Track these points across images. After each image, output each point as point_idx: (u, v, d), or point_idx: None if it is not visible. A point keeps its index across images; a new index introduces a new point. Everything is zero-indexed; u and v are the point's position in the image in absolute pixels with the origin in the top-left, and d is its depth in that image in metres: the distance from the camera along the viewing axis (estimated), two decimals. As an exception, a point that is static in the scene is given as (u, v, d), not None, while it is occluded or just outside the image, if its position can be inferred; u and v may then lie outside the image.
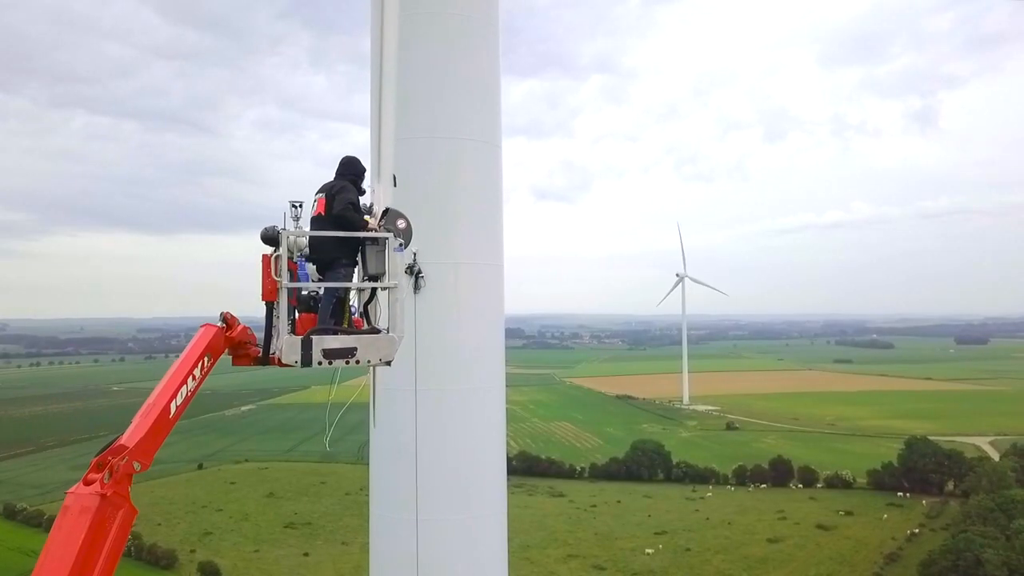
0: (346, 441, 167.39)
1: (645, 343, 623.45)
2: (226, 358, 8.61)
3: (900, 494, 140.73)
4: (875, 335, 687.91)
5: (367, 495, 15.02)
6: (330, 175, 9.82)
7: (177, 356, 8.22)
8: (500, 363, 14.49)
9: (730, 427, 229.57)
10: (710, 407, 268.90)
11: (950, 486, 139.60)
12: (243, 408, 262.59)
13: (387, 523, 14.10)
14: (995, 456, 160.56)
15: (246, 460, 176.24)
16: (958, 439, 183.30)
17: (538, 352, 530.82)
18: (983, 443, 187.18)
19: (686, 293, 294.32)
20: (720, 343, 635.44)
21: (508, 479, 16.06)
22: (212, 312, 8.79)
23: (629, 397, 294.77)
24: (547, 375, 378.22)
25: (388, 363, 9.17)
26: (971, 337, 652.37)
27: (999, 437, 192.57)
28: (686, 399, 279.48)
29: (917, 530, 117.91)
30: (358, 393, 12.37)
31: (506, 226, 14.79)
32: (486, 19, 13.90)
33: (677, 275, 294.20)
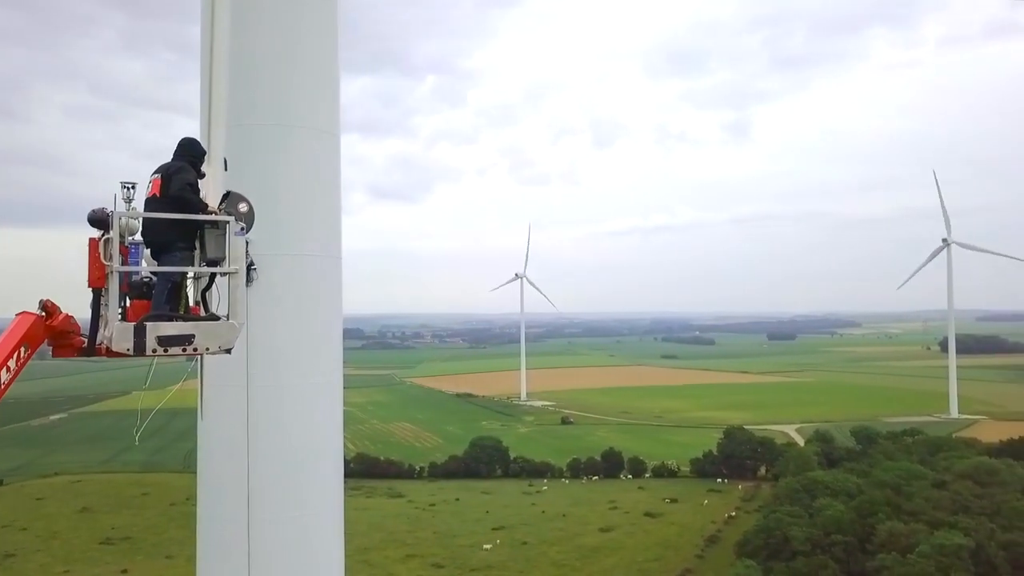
0: (172, 449, 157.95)
1: (486, 342, 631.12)
2: (45, 349, 7.96)
3: (720, 480, 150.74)
4: (698, 332, 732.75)
5: (194, 505, 14.22)
6: (152, 165, 9.35)
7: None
8: (338, 356, 14.24)
9: (565, 422, 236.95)
10: (547, 403, 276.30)
11: (763, 471, 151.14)
12: (53, 417, 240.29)
13: (216, 524, 13.48)
14: (801, 442, 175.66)
15: (56, 474, 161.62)
16: (770, 427, 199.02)
17: (379, 352, 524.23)
18: (791, 430, 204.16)
19: (524, 293, 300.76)
20: (556, 340, 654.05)
21: (346, 481, 15.79)
22: (29, 308, 8.10)
23: (469, 395, 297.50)
24: (387, 375, 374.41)
25: (228, 351, 8.82)
26: (781, 333, 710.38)
27: (804, 424, 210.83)
28: (524, 396, 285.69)
29: (734, 513, 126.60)
30: (175, 390, 11.79)
31: (344, 222, 14.56)
32: (325, 4, 13.61)
33: (516, 275, 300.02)
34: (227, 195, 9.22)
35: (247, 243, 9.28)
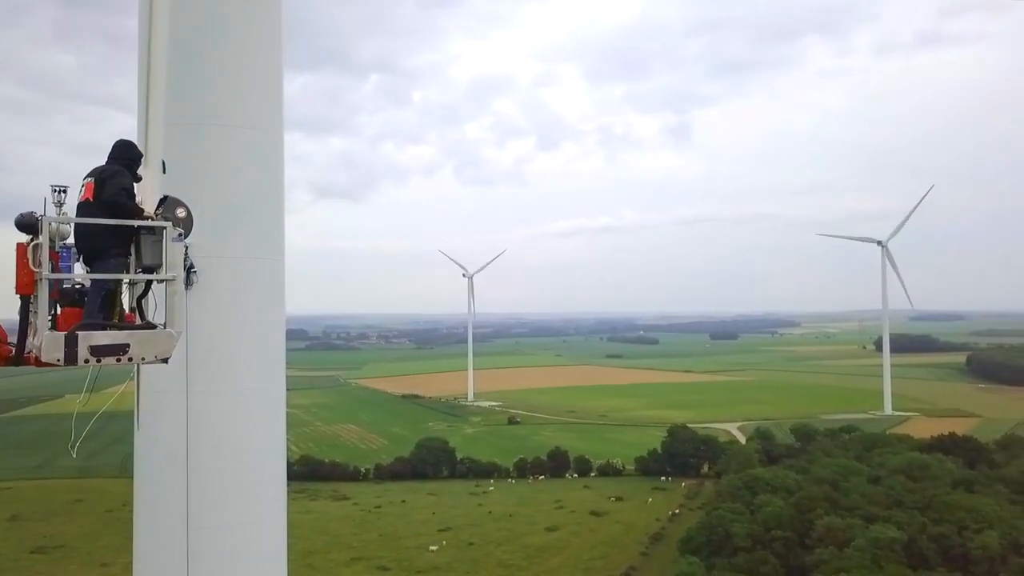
0: (108, 453, 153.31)
1: (432, 342, 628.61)
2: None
3: (663, 478, 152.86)
4: (643, 332, 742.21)
5: (131, 511, 13.83)
6: (85, 162, 9.08)
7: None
8: (280, 360, 13.98)
9: (512, 422, 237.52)
10: (493, 403, 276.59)
11: (706, 468, 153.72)
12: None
13: (153, 535, 13.10)
14: (742, 440, 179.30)
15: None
16: (713, 426, 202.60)
17: (323, 353, 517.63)
18: (733, 428, 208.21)
19: (473, 293, 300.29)
20: (504, 341, 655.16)
21: (290, 484, 15.53)
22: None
23: (416, 396, 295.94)
24: (332, 377, 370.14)
25: (165, 360, 8.56)
26: (724, 333, 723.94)
27: (746, 423, 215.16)
28: (471, 396, 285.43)
29: (678, 510, 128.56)
30: (115, 399, 11.43)
31: (288, 222, 14.29)
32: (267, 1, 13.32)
33: (463, 275, 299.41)
34: (164, 200, 8.96)
35: (186, 247, 9.05)
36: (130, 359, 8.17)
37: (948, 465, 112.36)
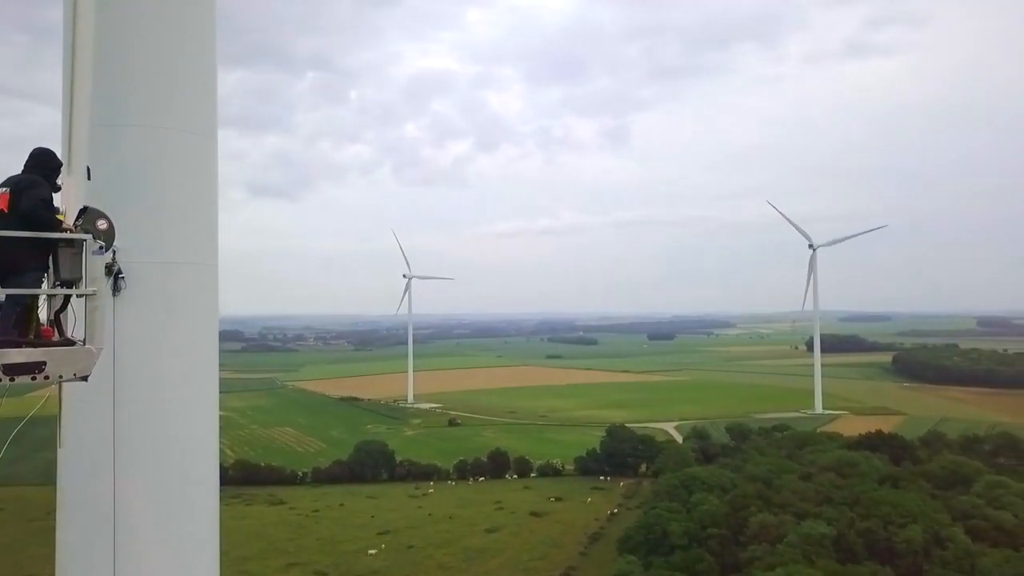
0: (32, 459, 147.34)
1: (372, 344, 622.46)
2: None
3: (602, 478, 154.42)
4: (582, 332, 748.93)
5: (56, 520, 13.30)
6: (5, 158, 8.69)
7: None
8: (213, 366, 13.61)
9: (452, 423, 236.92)
10: (434, 405, 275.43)
11: (644, 468, 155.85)
12: None
13: (78, 550, 12.61)
14: (679, 439, 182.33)
15: None
16: (650, 425, 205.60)
17: (259, 355, 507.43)
18: (670, 428, 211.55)
19: (412, 294, 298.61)
20: (444, 342, 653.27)
21: (224, 490, 15.16)
22: None
23: (354, 399, 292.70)
24: (268, 379, 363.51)
25: (85, 378, 8.25)
26: (661, 333, 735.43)
27: (682, 422, 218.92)
28: (411, 398, 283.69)
29: (616, 510, 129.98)
30: (39, 407, 10.98)
31: (222, 222, 13.91)
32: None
33: (404, 275, 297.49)
34: (84, 211, 8.61)
35: (114, 252, 8.73)
36: (47, 377, 7.88)
37: (875, 462, 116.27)
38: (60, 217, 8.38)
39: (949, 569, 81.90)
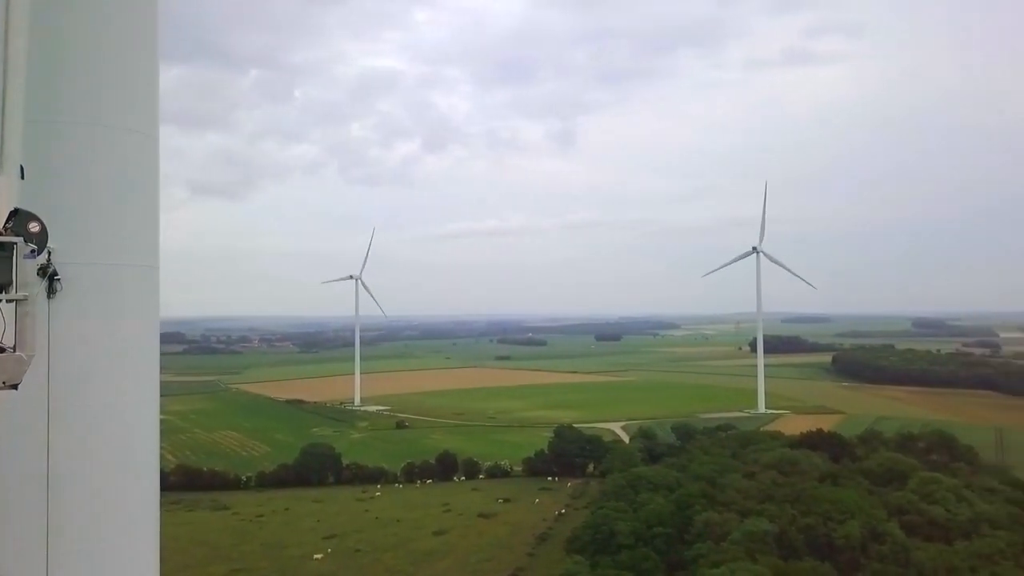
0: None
1: (318, 346, 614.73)
2: None
3: (550, 478, 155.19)
4: (531, 333, 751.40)
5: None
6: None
7: None
8: (154, 372, 13.24)
9: (400, 426, 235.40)
10: (381, 407, 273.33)
11: (591, 468, 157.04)
12: None
13: (11, 564, 12.12)
14: (626, 439, 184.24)
15: None
16: (598, 425, 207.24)
17: (201, 357, 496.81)
18: (617, 428, 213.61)
19: (359, 295, 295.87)
20: (392, 344, 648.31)
21: (164, 495, 14.74)
22: None
23: (300, 401, 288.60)
24: (211, 382, 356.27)
25: (15, 387, 7.93)
26: (608, 334, 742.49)
27: (629, 422, 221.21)
28: (358, 400, 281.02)
29: (564, 510, 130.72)
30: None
31: (163, 219, 13.52)
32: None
33: (351, 275, 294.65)
34: (15, 212, 8.26)
35: (49, 253, 8.40)
36: None
37: (815, 460, 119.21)
38: None
39: (886, 563, 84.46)
